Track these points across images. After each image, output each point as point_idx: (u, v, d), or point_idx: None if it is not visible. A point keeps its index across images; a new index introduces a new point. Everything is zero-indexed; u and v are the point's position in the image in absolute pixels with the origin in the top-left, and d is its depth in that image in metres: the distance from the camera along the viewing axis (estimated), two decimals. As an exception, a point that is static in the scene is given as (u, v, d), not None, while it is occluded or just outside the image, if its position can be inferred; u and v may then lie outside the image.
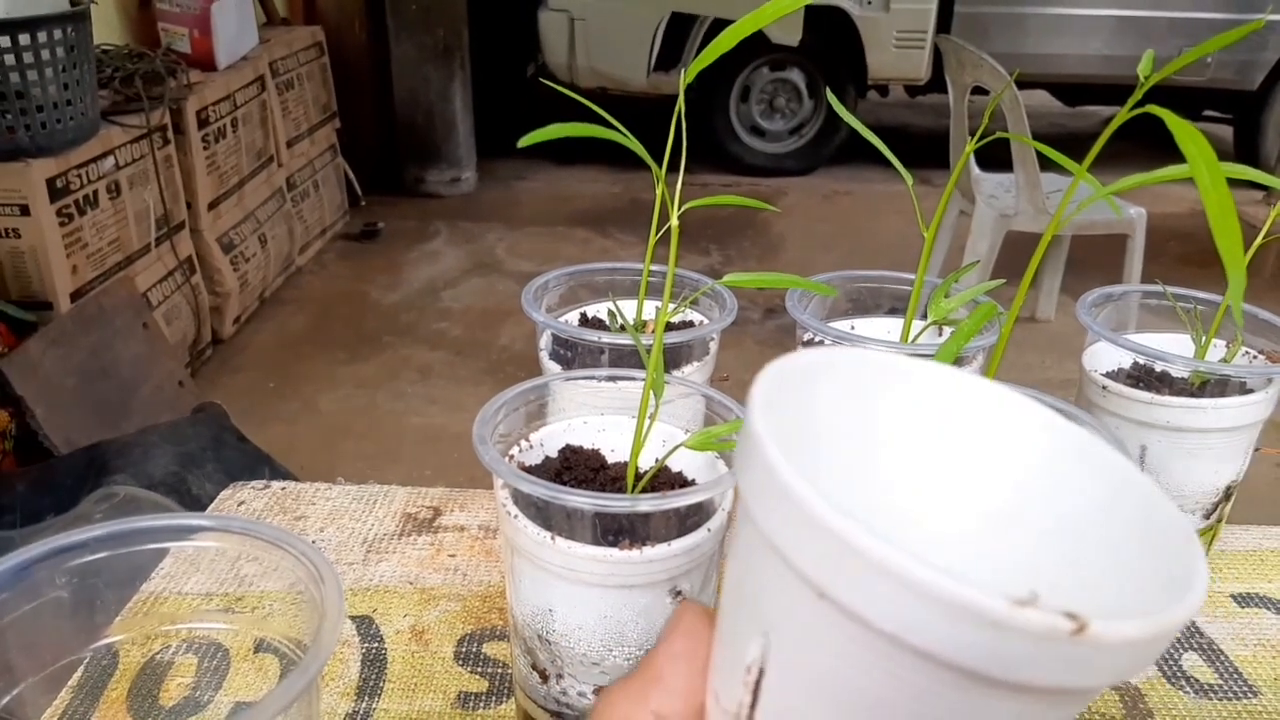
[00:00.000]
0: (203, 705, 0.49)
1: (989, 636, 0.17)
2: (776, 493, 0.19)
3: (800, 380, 0.23)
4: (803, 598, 0.19)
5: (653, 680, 0.24)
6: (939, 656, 0.17)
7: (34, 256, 1.90)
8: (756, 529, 0.20)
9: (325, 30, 3.34)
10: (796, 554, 0.19)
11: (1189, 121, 0.32)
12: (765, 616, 0.21)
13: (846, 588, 0.18)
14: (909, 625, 0.17)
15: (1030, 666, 0.17)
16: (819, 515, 0.18)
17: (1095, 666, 0.18)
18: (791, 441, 0.20)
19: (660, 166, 0.38)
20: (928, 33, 3.77)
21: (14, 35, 1.79)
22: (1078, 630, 0.17)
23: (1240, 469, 0.55)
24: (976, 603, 0.17)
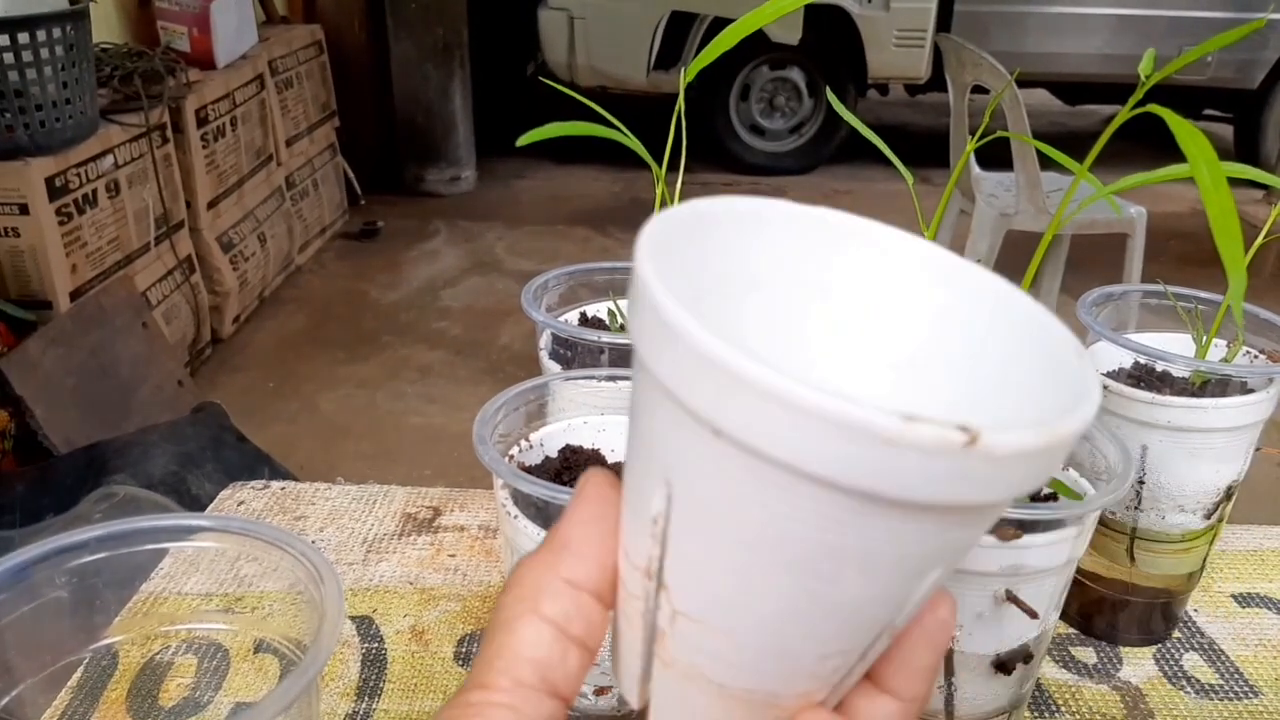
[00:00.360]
0: (202, 706, 0.49)
1: (883, 454, 0.17)
2: (664, 333, 0.18)
3: (693, 228, 0.23)
4: (699, 438, 0.18)
5: (560, 547, 0.24)
6: (835, 480, 0.17)
7: (33, 256, 1.90)
8: (650, 375, 0.19)
9: (325, 29, 3.34)
10: (689, 393, 0.18)
11: (1189, 121, 0.32)
12: (666, 464, 0.20)
13: (739, 420, 0.18)
14: (803, 451, 0.17)
15: (926, 483, 0.17)
16: (706, 348, 0.17)
17: (991, 480, 0.17)
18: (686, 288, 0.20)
19: (660, 165, 0.38)
20: (928, 31, 3.77)
21: (13, 34, 1.79)
22: (970, 441, 0.16)
23: (1241, 469, 0.55)
24: (868, 420, 0.16)
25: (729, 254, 0.23)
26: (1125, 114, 0.38)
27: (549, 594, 0.23)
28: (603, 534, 0.24)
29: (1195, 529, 0.55)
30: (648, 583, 0.22)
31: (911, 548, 0.19)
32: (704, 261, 0.23)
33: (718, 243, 0.23)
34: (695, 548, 0.21)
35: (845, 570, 0.19)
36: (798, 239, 0.24)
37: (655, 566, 0.22)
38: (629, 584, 0.23)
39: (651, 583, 0.22)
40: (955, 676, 0.45)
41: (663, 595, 0.22)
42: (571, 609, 0.23)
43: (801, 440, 0.17)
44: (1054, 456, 0.18)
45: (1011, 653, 0.44)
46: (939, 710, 0.46)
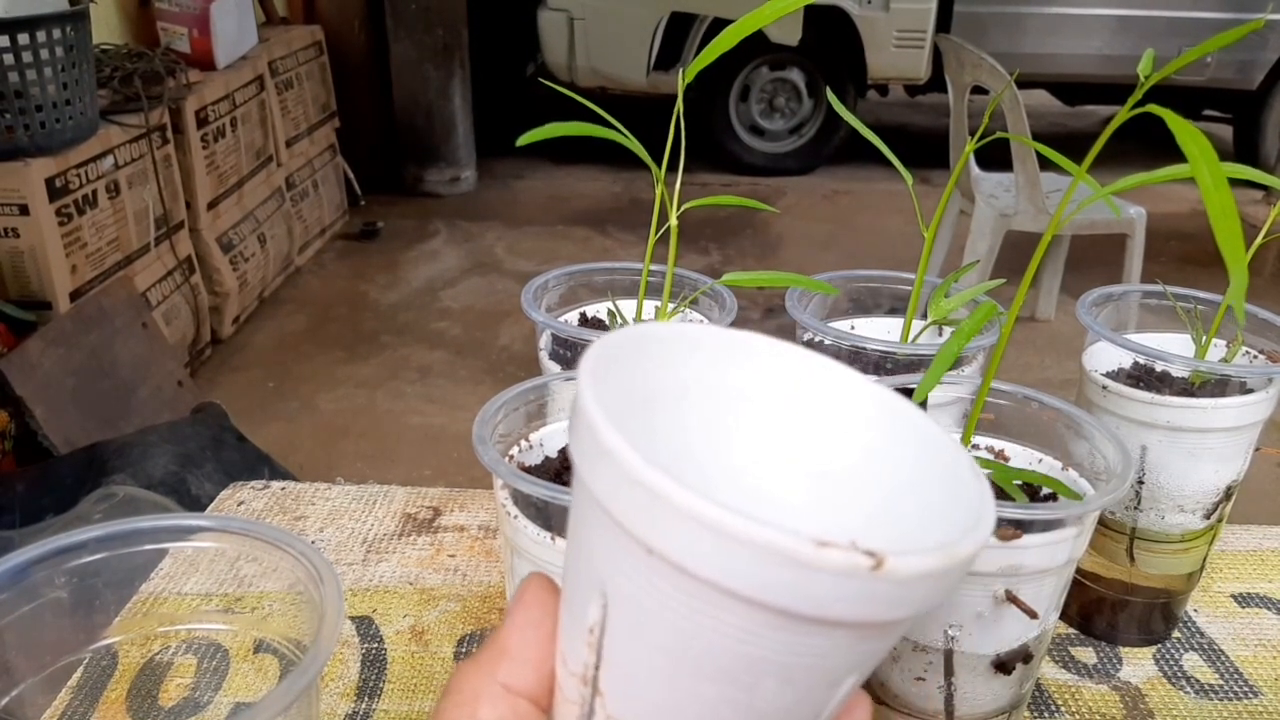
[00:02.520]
0: (202, 706, 0.49)
1: (798, 576, 0.18)
2: (601, 453, 0.20)
3: (629, 350, 0.24)
4: (632, 554, 0.20)
5: (500, 653, 0.24)
6: (755, 599, 0.19)
7: (33, 256, 1.90)
8: (587, 490, 0.21)
9: (325, 30, 3.34)
10: (622, 511, 0.20)
11: (1189, 121, 0.32)
12: (601, 577, 0.21)
13: (669, 540, 0.19)
14: (726, 571, 0.18)
15: (838, 602, 0.19)
16: (637, 471, 0.19)
17: (896, 599, 0.19)
18: (624, 409, 0.21)
19: (660, 166, 0.38)
20: (927, 32, 3.77)
21: (13, 35, 1.79)
22: (876, 565, 0.18)
23: (1241, 469, 0.55)
24: (783, 544, 0.18)
25: (663, 371, 0.25)
26: (1124, 114, 0.38)
27: (487, 699, 0.24)
28: (541, 639, 0.24)
29: (1195, 529, 0.55)
30: (584, 689, 0.23)
31: (827, 660, 0.20)
32: (641, 378, 0.24)
33: (654, 361, 0.25)
34: (628, 657, 0.22)
35: (765, 680, 0.20)
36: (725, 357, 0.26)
37: (591, 674, 0.23)
38: (566, 689, 0.24)
39: (587, 689, 0.23)
40: (955, 676, 0.45)
41: (598, 701, 0.23)
42: (509, 714, 0.24)
43: (725, 561, 0.18)
44: (954, 575, 0.20)
45: (1011, 653, 0.44)
46: (939, 710, 0.46)
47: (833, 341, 0.55)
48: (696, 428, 0.26)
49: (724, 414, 0.26)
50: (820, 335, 0.55)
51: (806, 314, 0.56)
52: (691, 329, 0.26)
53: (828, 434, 0.26)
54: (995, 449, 0.49)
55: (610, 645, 0.22)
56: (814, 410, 0.26)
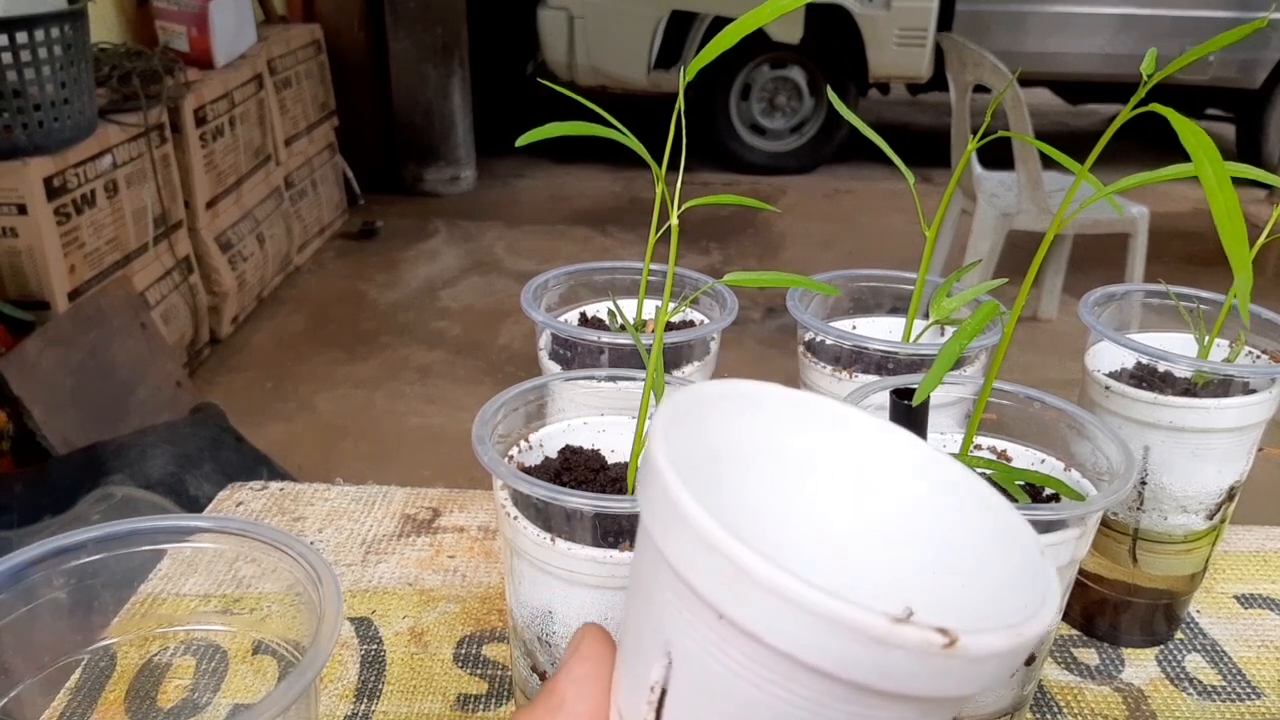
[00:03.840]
0: (201, 707, 0.49)
1: (872, 652, 0.19)
2: (677, 519, 0.20)
3: (700, 410, 0.25)
4: (703, 618, 0.20)
5: (556, 705, 0.25)
6: (828, 672, 0.19)
7: (31, 256, 1.89)
8: (659, 553, 0.21)
9: (324, 28, 3.34)
10: (696, 577, 0.20)
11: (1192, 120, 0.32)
12: (667, 636, 0.22)
13: (743, 609, 0.19)
14: (801, 643, 0.19)
15: (909, 678, 0.19)
16: (717, 541, 0.19)
17: (966, 676, 0.19)
18: (691, 467, 0.22)
19: (660, 165, 0.38)
20: (929, 30, 3.76)
21: (11, 34, 1.79)
22: (949, 644, 0.19)
23: (1244, 469, 0.55)
24: (860, 620, 0.18)
25: (731, 430, 0.26)
26: (1127, 113, 0.38)
27: None
28: (596, 693, 0.25)
29: (1198, 530, 0.55)
30: None
31: None
32: (703, 438, 0.25)
33: (722, 420, 0.25)
34: (690, 716, 0.22)
35: None
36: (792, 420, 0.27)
37: None
38: None
39: None
40: (957, 678, 0.45)
41: None
42: None
43: (800, 634, 0.19)
44: (1021, 654, 0.20)
45: (1013, 654, 0.44)
46: (941, 712, 0.46)
47: (834, 341, 0.55)
48: (760, 490, 0.26)
49: (789, 478, 0.26)
50: (821, 335, 0.55)
51: (808, 314, 0.56)
52: (762, 389, 0.26)
53: (894, 504, 0.26)
54: (997, 449, 0.49)
55: (672, 706, 0.22)
56: (881, 479, 0.27)
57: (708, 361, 0.57)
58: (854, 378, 0.54)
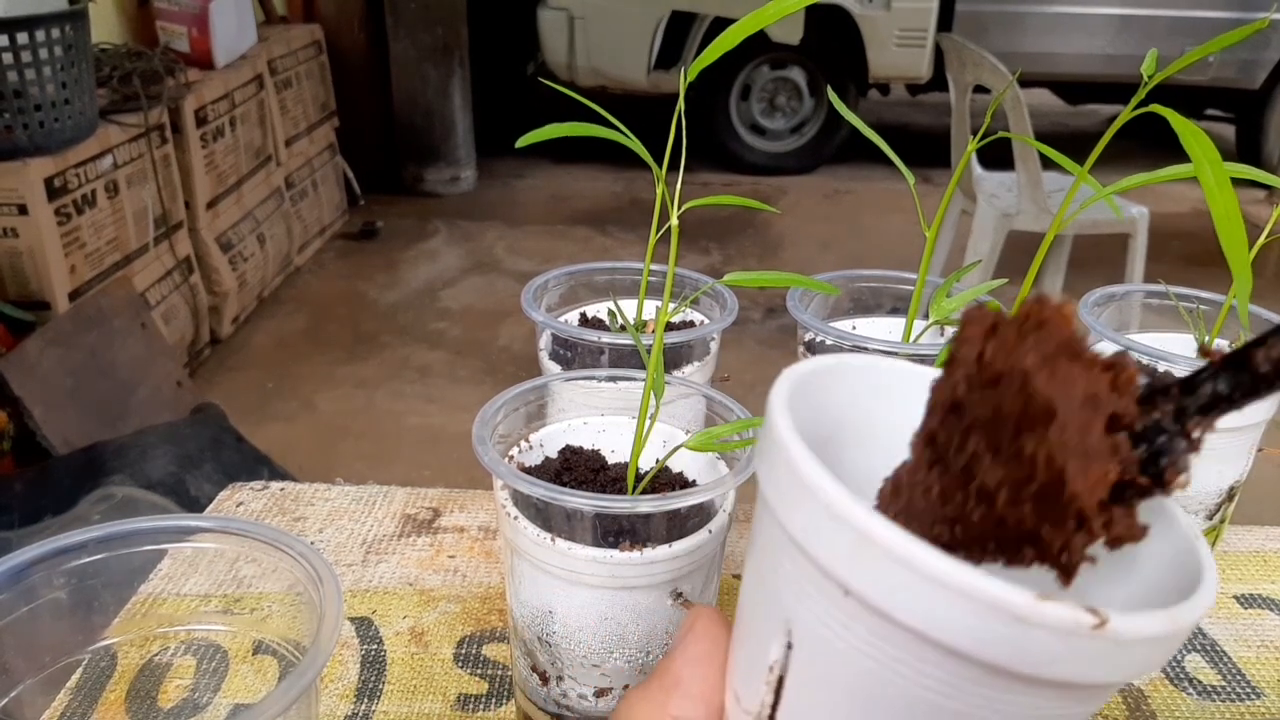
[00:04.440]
0: (201, 707, 0.49)
1: (1012, 631, 0.17)
2: (801, 491, 0.19)
3: (817, 382, 0.24)
4: (827, 595, 0.19)
5: (672, 685, 0.24)
6: (963, 651, 0.18)
7: (32, 256, 1.89)
8: (780, 527, 0.20)
9: (324, 29, 3.34)
10: (821, 551, 0.19)
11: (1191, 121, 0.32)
12: (788, 615, 0.21)
13: (872, 583, 0.18)
14: (934, 620, 0.17)
15: (1051, 661, 0.17)
16: (845, 511, 0.18)
17: (1114, 661, 0.18)
18: (812, 439, 0.20)
19: (660, 166, 0.38)
20: (929, 31, 3.77)
21: (12, 34, 1.79)
22: (1099, 625, 0.17)
23: (1243, 470, 0.55)
24: (1001, 597, 0.17)
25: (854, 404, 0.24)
26: (1127, 114, 0.38)
27: None
28: (711, 674, 0.24)
29: (1199, 528, 0.55)
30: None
31: (1025, 716, 0.19)
32: (825, 410, 0.24)
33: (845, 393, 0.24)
34: (810, 698, 0.21)
35: None
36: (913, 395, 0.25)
37: (767, 713, 0.22)
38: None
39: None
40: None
41: None
42: None
43: (933, 609, 0.17)
44: (1176, 641, 0.19)
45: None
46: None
47: (834, 341, 0.55)
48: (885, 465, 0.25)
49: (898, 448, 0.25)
50: (821, 335, 0.55)
51: (808, 314, 0.56)
52: (885, 363, 0.25)
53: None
54: (997, 449, 0.49)
55: (792, 686, 0.21)
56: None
57: (708, 361, 0.57)
58: (854, 378, 0.54)
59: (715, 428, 0.44)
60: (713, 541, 0.41)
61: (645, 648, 0.42)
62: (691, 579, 0.42)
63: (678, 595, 0.41)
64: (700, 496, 0.40)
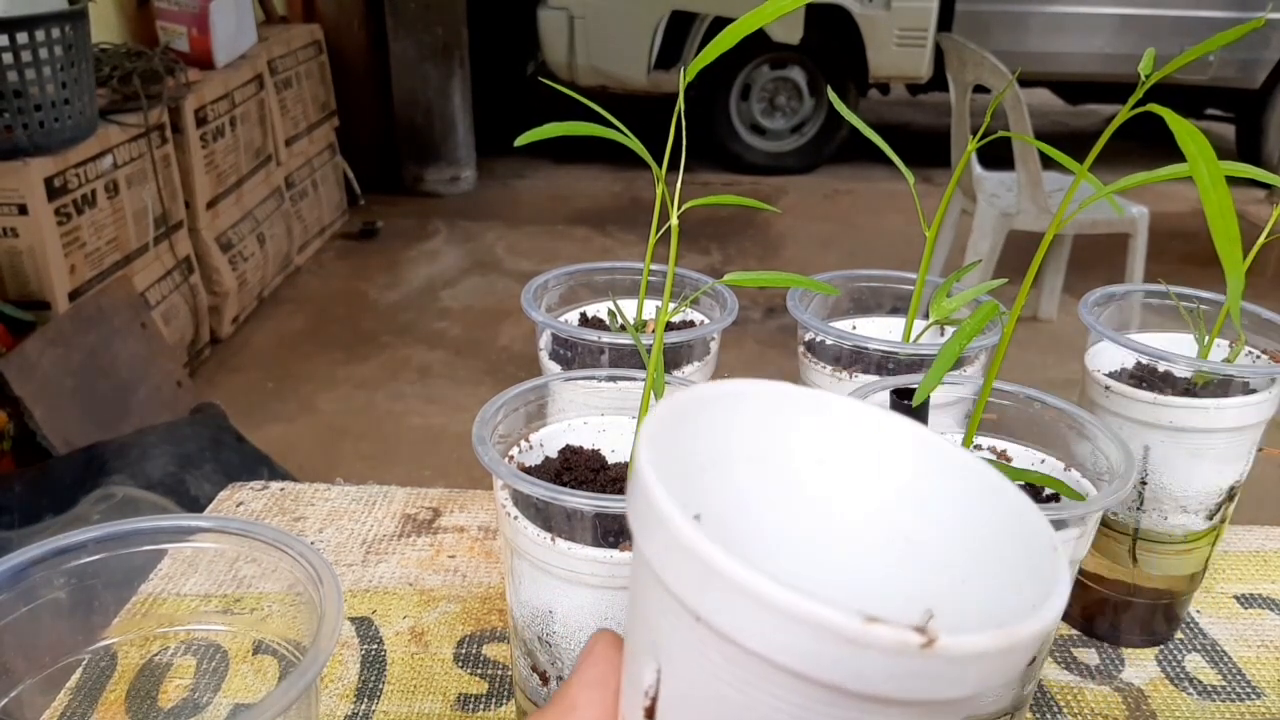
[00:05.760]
0: (201, 707, 0.49)
1: (845, 652, 0.18)
2: (654, 520, 0.20)
3: (689, 414, 0.24)
4: (683, 621, 0.20)
5: (568, 709, 0.25)
6: (804, 674, 0.18)
7: (32, 256, 1.89)
8: (641, 555, 0.21)
9: (324, 28, 3.34)
10: (673, 578, 0.19)
11: (1190, 120, 0.32)
12: (655, 642, 0.21)
13: (715, 610, 0.19)
14: (774, 645, 0.18)
15: (887, 680, 0.18)
16: (686, 540, 0.19)
17: (950, 678, 0.18)
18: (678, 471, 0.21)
19: (660, 165, 0.38)
20: (929, 31, 3.76)
21: (12, 34, 1.79)
22: (927, 644, 0.17)
23: (1243, 470, 0.55)
24: (829, 620, 0.17)
25: (726, 434, 0.25)
26: (1126, 113, 0.38)
27: None
28: (606, 697, 0.25)
29: (1197, 530, 0.55)
30: None
31: None
32: (695, 442, 0.24)
33: (716, 424, 0.25)
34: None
35: None
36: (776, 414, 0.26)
37: None
38: None
39: None
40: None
41: None
42: None
43: (772, 634, 0.18)
44: (1015, 656, 0.19)
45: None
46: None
47: (834, 341, 0.55)
48: (757, 489, 0.25)
49: (786, 474, 0.26)
50: (821, 335, 0.55)
51: (808, 314, 0.56)
52: (751, 387, 0.26)
53: (895, 493, 0.25)
54: (997, 449, 0.49)
55: (664, 710, 0.22)
56: (881, 467, 0.26)
57: (708, 361, 0.57)
58: (854, 378, 0.54)
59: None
60: (712, 541, 0.41)
61: (645, 647, 0.42)
62: (691, 579, 0.42)
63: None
64: (700, 496, 0.40)
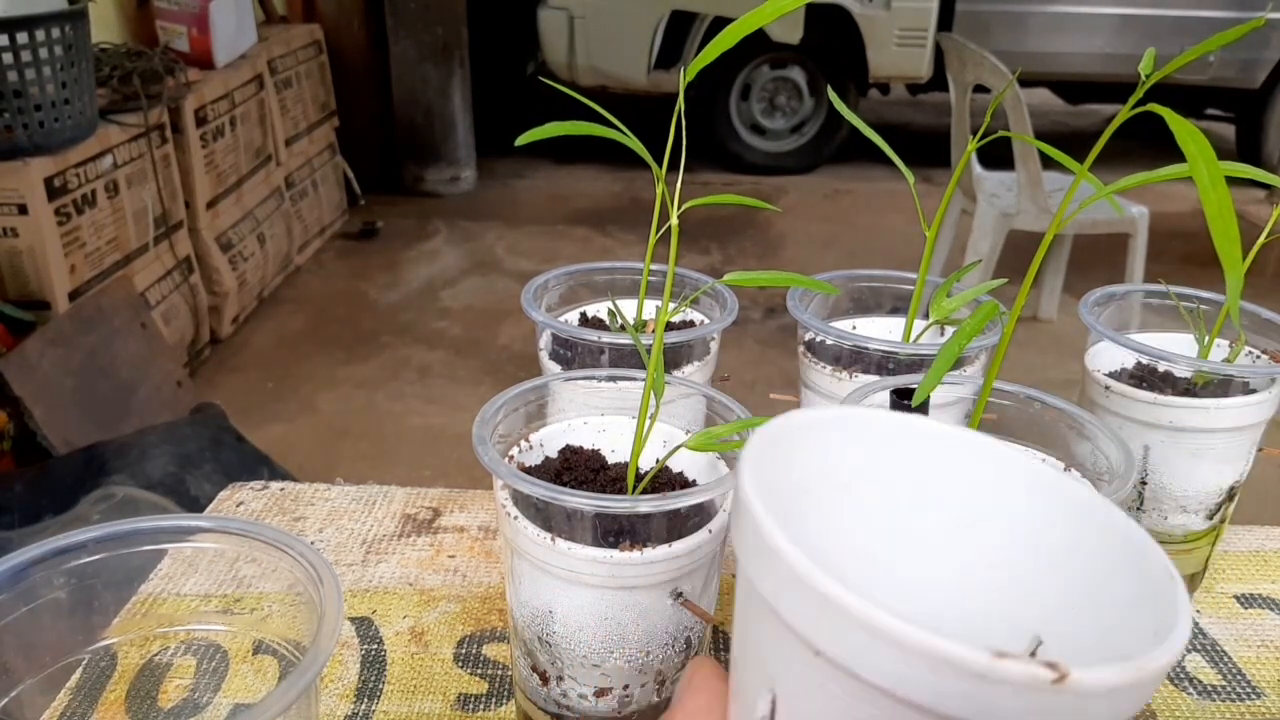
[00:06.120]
0: (201, 707, 0.49)
1: (974, 688, 0.18)
2: (769, 556, 0.20)
3: (790, 440, 0.24)
4: (800, 654, 0.20)
5: None
6: (929, 708, 0.18)
7: (32, 256, 1.89)
8: (752, 586, 0.21)
9: (324, 28, 3.34)
10: (791, 614, 0.20)
11: (1190, 120, 0.32)
12: (770, 674, 0.21)
13: (838, 645, 0.19)
14: (898, 679, 0.18)
15: (1015, 715, 0.18)
16: (809, 578, 0.19)
17: (1079, 713, 0.18)
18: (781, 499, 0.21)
19: (660, 165, 0.38)
20: (929, 30, 3.77)
21: (12, 34, 1.79)
22: (1058, 679, 0.17)
23: (1243, 469, 0.55)
24: (959, 656, 0.17)
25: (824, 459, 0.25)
26: (1125, 113, 0.38)
27: None
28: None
29: (1197, 530, 0.55)
30: None
31: None
32: (794, 468, 0.24)
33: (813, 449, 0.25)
34: None
35: None
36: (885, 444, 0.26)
37: None
38: None
39: None
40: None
41: None
42: None
43: (895, 669, 0.18)
44: (1143, 690, 0.19)
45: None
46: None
47: (834, 341, 0.55)
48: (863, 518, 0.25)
49: (894, 503, 0.26)
50: (821, 335, 0.55)
51: (808, 314, 0.56)
52: (854, 414, 0.26)
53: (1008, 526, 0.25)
54: (997, 449, 0.49)
55: None
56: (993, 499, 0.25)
57: (708, 361, 0.57)
58: (854, 378, 0.54)
59: (715, 428, 0.44)
60: (713, 541, 0.41)
61: (645, 647, 0.42)
62: (691, 579, 0.42)
63: (678, 595, 0.41)
64: (700, 496, 0.40)
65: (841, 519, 0.25)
